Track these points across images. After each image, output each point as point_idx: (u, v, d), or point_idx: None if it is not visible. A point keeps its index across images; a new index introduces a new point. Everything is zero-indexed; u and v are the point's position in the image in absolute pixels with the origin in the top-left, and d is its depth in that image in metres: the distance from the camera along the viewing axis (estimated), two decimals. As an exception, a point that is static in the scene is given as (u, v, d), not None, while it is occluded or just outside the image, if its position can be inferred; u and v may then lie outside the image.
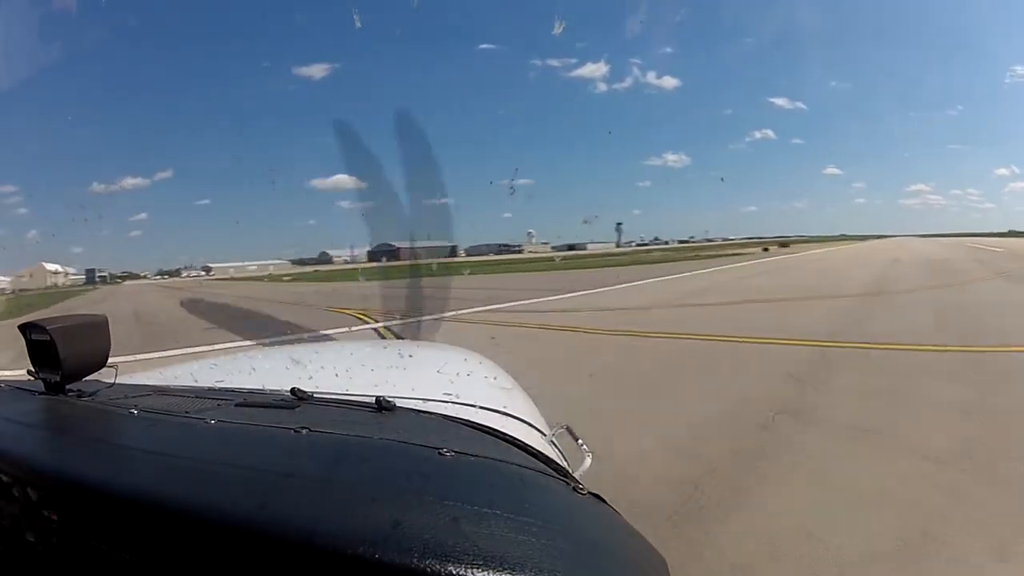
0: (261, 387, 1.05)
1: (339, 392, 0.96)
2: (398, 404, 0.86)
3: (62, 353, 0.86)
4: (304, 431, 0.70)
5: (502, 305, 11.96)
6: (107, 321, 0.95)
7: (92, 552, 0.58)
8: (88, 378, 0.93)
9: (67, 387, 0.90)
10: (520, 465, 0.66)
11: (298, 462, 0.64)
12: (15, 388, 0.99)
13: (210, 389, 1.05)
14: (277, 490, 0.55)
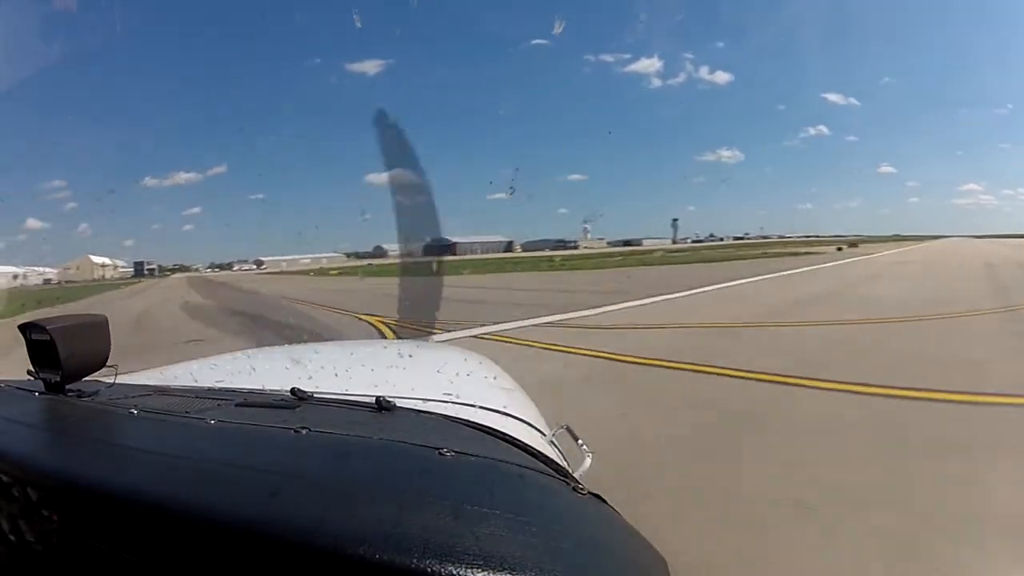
0: (261, 387, 1.05)
1: (339, 392, 0.96)
2: (398, 404, 0.86)
3: (62, 353, 0.86)
4: (304, 431, 0.70)
5: (576, 315, 9.49)
6: (107, 321, 0.95)
7: (92, 552, 0.57)
8: (88, 378, 0.93)
9: (67, 387, 0.90)
10: (520, 465, 0.66)
11: (298, 462, 0.64)
12: (15, 388, 0.99)
13: (210, 389, 1.05)
14: (277, 490, 0.55)
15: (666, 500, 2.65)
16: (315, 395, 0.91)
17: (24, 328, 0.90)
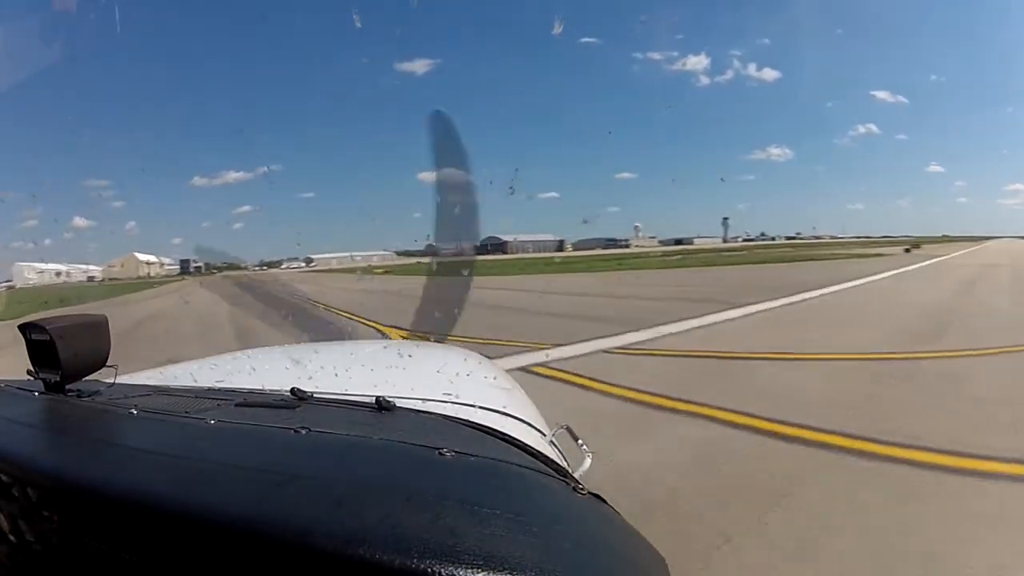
0: (261, 387, 1.05)
1: (339, 392, 0.96)
2: (398, 404, 0.86)
3: (62, 353, 0.86)
4: (304, 431, 0.70)
5: (670, 332, 7.71)
6: (107, 321, 0.95)
7: (92, 552, 0.57)
8: (88, 378, 0.93)
9: (67, 387, 0.90)
10: (520, 465, 0.66)
11: (298, 462, 0.64)
12: (15, 388, 0.99)
13: (210, 389, 1.05)
14: (277, 490, 0.55)
15: None
16: (315, 395, 0.91)
17: (24, 328, 0.90)
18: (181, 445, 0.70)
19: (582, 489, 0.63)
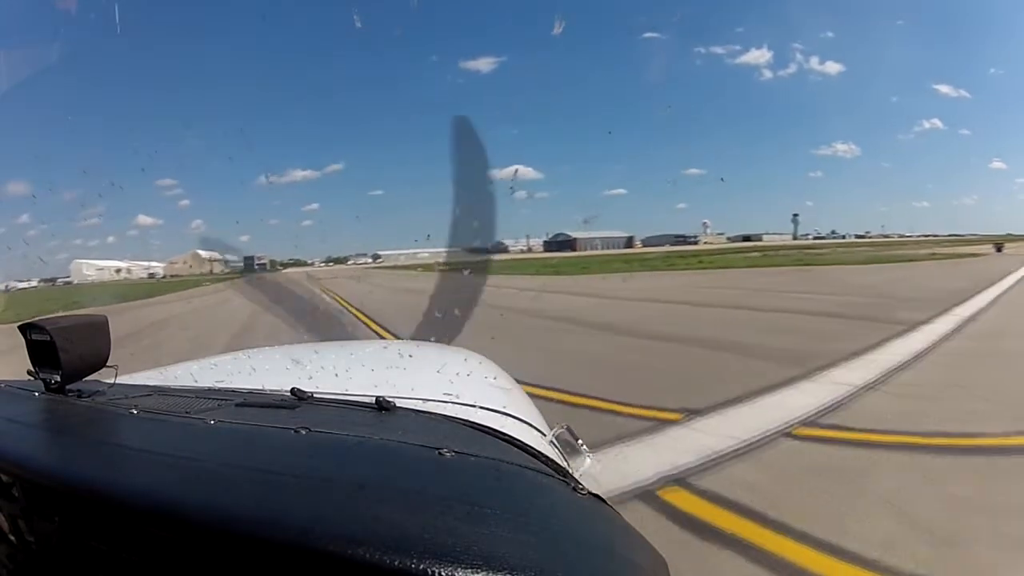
0: (261, 387, 1.05)
1: (339, 392, 0.96)
2: (398, 404, 0.86)
3: (62, 353, 0.86)
4: (304, 431, 0.70)
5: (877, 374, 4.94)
6: (107, 321, 0.95)
7: (92, 552, 0.57)
8: (88, 378, 0.93)
9: (67, 387, 0.90)
10: (520, 465, 0.66)
11: (298, 462, 0.64)
12: (15, 388, 0.99)
13: (210, 389, 1.05)
14: (277, 490, 0.55)
15: None
16: (315, 395, 0.91)
17: (24, 328, 0.90)
18: (181, 445, 0.70)
19: (582, 489, 0.63)
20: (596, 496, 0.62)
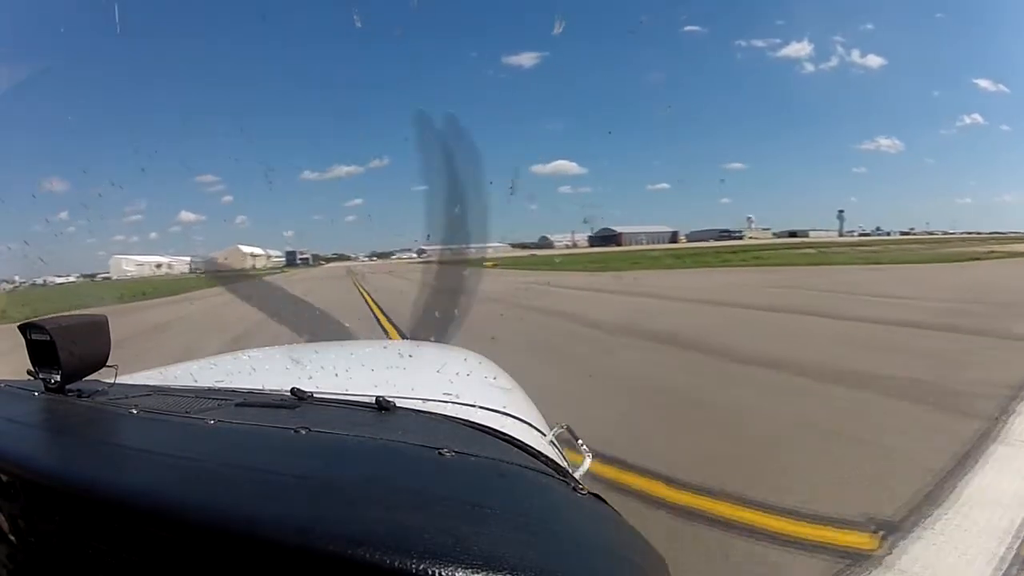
0: (261, 387, 1.05)
1: (339, 392, 0.96)
2: (398, 404, 0.86)
3: (62, 353, 0.86)
4: (304, 431, 0.70)
5: None
6: (107, 321, 0.95)
7: (92, 552, 0.57)
8: (88, 378, 0.93)
9: (67, 387, 0.90)
10: (520, 465, 0.66)
11: (298, 462, 0.64)
12: (15, 388, 0.99)
13: (210, 389, 1.05)
14: (277, 490, 0.55)
15: None
16: (315, 395, 0.91)
17: (24, 328, 0.90)
18: (181, 445, 0.70)
19: (582, 489, 0.63)
20: (596, 496, 0.62)
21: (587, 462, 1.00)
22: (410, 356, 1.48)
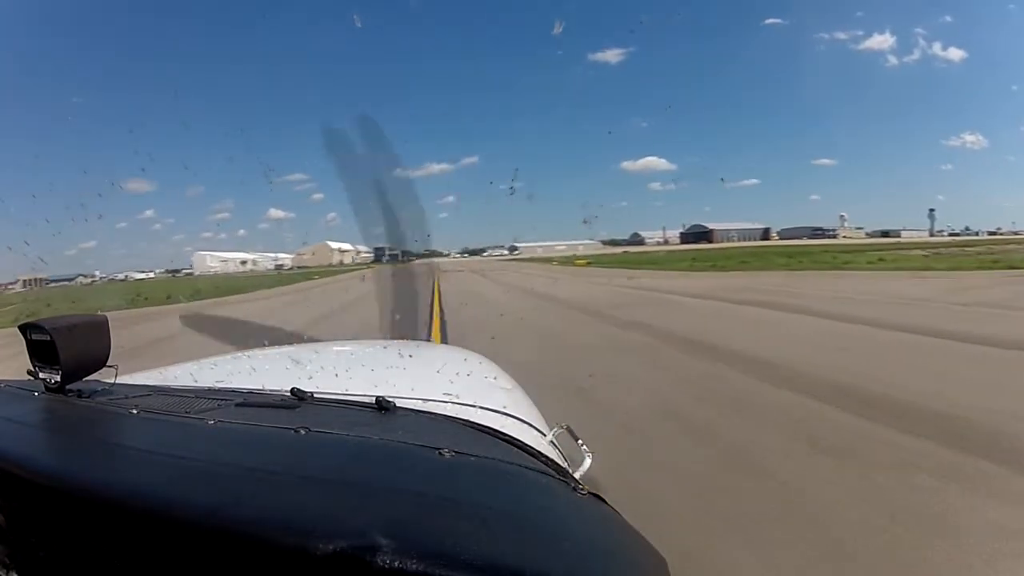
0: (261, 387, 1.05)
1: (339, 392, 0.96)
2: (398, 404, 0.86)
3: (62, 353, 0.86)
4: (304, 431, 0.70)
5: None
6: (107, 321, 0.95)
7: (92, 552, 0.57)
8: (88, 378, 0.93)
9: (67, 387, 0.90)
10: (520, 465, 0.66)
11: (298, 462, 0.64)
12: (15, 388, 0.99)
13: (210, 389, 1.05)
14: (277, 490, 0.55)
15: None
16: (315, 395, 0.91)
17: (24, 328, 0.90)
18: (181, 445, 0.70)
19: (582, 489, 0.63)
20: (596, 496, 0.62)
21: (587, 462, 1.00)
22: (410, 356, 1.48)
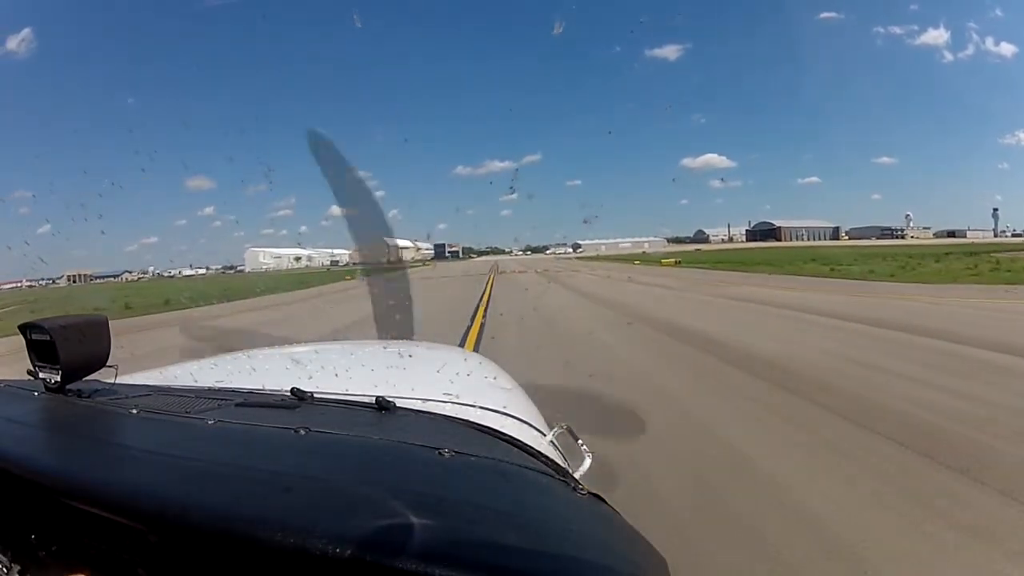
0: (261, 387, 1.05)
1: (339, 392, 0.96)
2: (398, 404, 0.86)
3: (62, 353, 0.86)
4: (304, 431, 0.70)
5: None
6: (107, 321, 0.95)
7: (92, 552, 0.57)
8: (88, 378, 0.93)
9: (67, 387, 0.90)
10: (520, 465, 0.66)
11: (298, 462, 0.64)
12: (15, 388, 0.99)
13: (210, 389, 1.05)
14: (277, 490, 0.55)
15: None
16: (315, 395, 0.91)
17: (24, 328, 0.90)
18: (181, 445, 0.70)
19: (582, 489, 0.63)
20: (596, 496, 0.62)
21: (587, 462, 1.00)
22: (410, 356, 1.48)
